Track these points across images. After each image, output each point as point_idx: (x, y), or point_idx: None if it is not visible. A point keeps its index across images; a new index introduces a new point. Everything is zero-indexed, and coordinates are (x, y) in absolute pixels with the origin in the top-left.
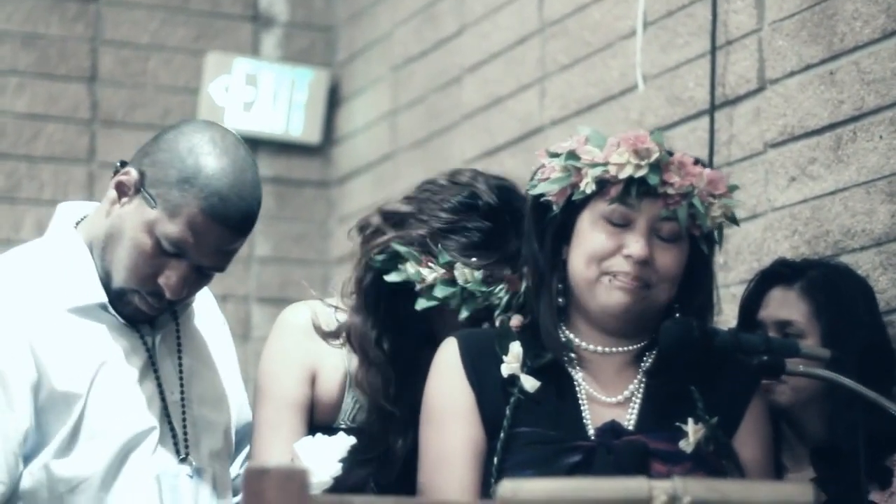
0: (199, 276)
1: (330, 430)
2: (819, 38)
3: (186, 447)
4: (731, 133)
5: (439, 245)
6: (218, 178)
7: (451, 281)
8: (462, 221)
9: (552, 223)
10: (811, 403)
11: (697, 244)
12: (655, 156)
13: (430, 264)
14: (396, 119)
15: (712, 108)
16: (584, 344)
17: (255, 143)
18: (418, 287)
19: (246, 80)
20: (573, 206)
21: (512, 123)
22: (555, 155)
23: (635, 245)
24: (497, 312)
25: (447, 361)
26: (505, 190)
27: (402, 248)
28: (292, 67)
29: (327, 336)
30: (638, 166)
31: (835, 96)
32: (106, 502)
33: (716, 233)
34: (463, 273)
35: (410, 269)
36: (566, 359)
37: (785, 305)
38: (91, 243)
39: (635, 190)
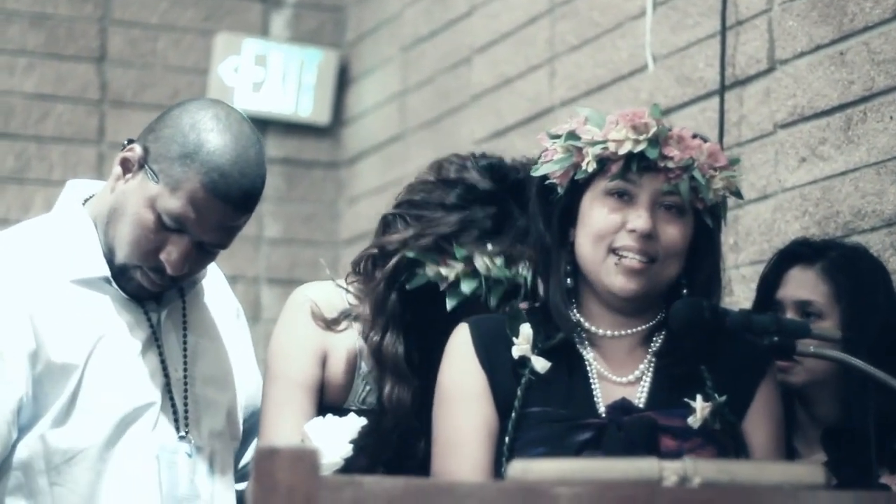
0: (201, 253)
1: (340, 411)
2: (829, 18)
3: (186, 425)
4: (741, 114)
5: (453, 243)
6: (220, 153)
7: (474, 272)
8: (468, 217)
9: (557, 204)
10: (824, 385)
11: (702, 219)
12: (653, 130)
13: (448, 262)
14: (406, 100)
15: (722, 89)
16: (593, 328)
17: (264, 124)
18: (443, 287)
19: (255, 61)
20: (577, 187)
21: (521, 104)
22: (555, 136)
23: (638, 220)
24: (524, 292)
25: (459, 346)
26: (495, 168)
27: (417, 255)
28: (301, 48)
29: (330, 324)
30: (636, 141)
31: (845, 77)
32: (103, 476)
33: (720, 207)
34: (483, 263)
35: (430, 271)
36: (577, 338)
37: (805, 286)
38: (96, 219)
39: (635, 165)
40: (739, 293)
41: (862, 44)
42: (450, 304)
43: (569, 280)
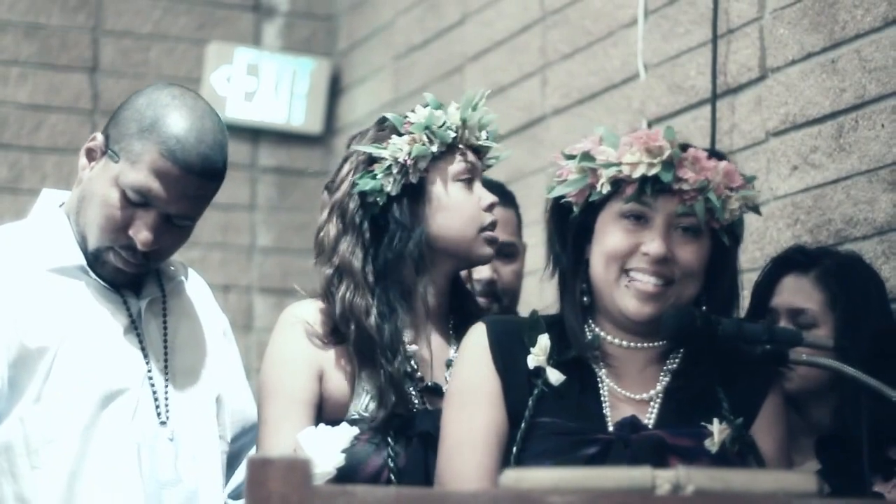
0: (170, 227)
1: (338, 422)
2: (820, 26)
3: (167, 411)
4: (732, 122)
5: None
6: (176, 123)
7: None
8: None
9: (573, 224)
10: (819, 393)
11: (719, 237)
12: (668, 153)
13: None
14: (398, 108)
15: (714, 97)
16: (609, 338)
17: (256, 133)
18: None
19: (247, 70)
20: (592, 207)
21: (514, 112)
22: (570, 157)
23: (652, 243)
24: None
25: (475, 346)
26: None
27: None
28: (294, 57)
29: (323, 338)
30: (651, 164)
31: (836, 84)
32: (83, 460)
33: (737, 224)
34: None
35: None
36: (591, 356)
37: (799, 293)
38: (69, 214)
39: (650, 188)
40: None
41: (853, 52)
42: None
43: (585, 298)
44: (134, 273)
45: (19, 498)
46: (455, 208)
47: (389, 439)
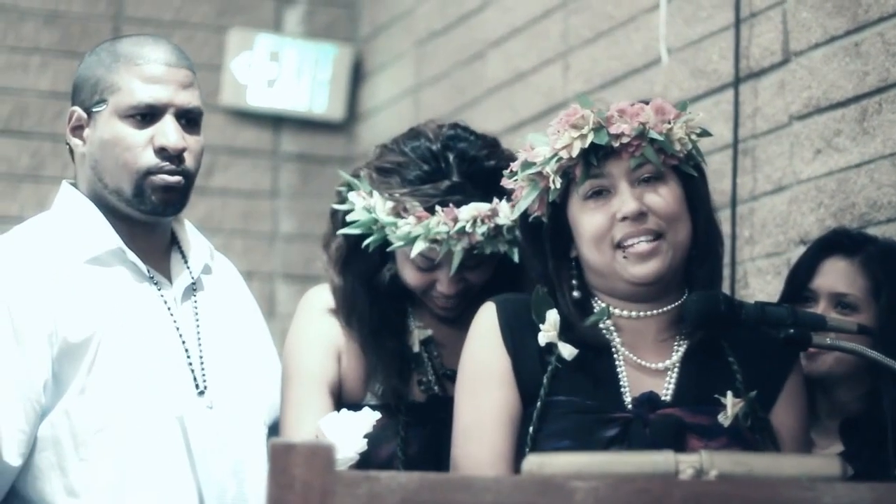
0: (185, 129)
1: (357, 407)
2: (843, 9)
3: (205, 382)
4: (755, 106)
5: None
6: (130, 42)
7: (369, 208)
8: (403, 162)
9: (547, 234)
10: (848, 376)
11: (685, 174)
12: (592, 118)
13: (361, 194)
14: (420, 95)
15: (737, 81)
16: (617, 311)
17: (278, 120)
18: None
19: (269, 57)
20: (558, 208)
21: (535, 98)
22: (513, 174)
23: (623, 206)
24: (394, 245)
25: (484, 327)
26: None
27: (350, 178)
28: (315, 43)
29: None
30: (583, 136)
31: (860, 68)
32: (130, 445)
33: (695, 153)
34: (378, 200)
35: (352, 196)
36: (603, 324)
37: (843, 278)
38: (91, 195)
39: (594, 158)
40: (755, 286)
41: (877, 35)
42: (341, 230)
43: (575, 294)
44: (177, 187)
45: (70, 491)
46: None
47: (400, 428)
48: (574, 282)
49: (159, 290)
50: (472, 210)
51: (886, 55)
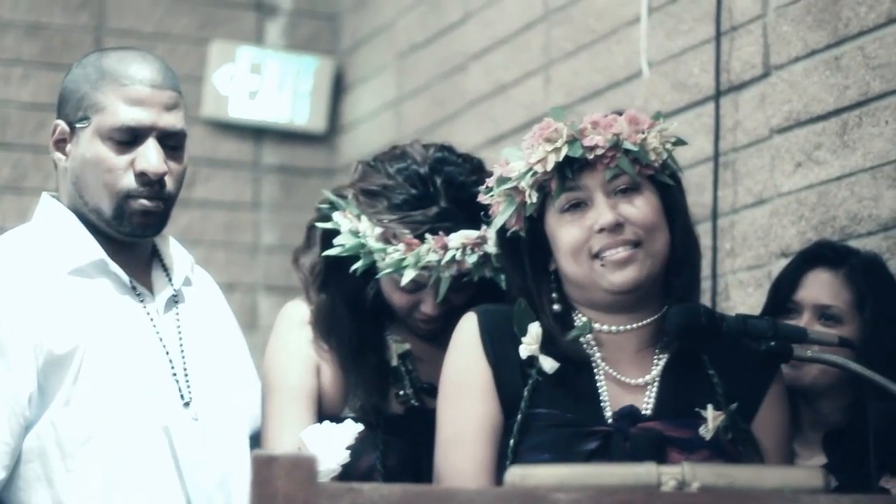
0: (166, 151)
1: (338, 419)
2: (824, 23)
3: (190, 393)
4: (736, 119)
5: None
6: (116, 59)
7: (357, 232)
8: (391, 186)
9: (525, 248)
10: (831, 388)
11: (662, 184)
12: (565, 131)
13: (348, 216)
14: (401, 107)
15: (717, 95)
16: (597, 325)
17: (260, 132)
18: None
19: (250, 69)
20: (535, 223)
21: (517, 111)
22: (488, 190)
23: (600, 217)
24: (383, 272)
25: (466, 337)
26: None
27: (334, 197)
28: (297, 56)
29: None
30: (556, 150)
31: (840, 82)
32: (117, 456)
33: (671, 162)
34: (367, 225)
35: (338, 217)
36: (585, 341)
37: (828, 290)
38: (72, 207)
39: (569, 171)
40: (736, 298)
41: (857, 48)
42: (327, 251)
43: (555, 307)
44: (157, 211)
45: (57, 502)
46: None
47: (379, 440)
48: (554, 295)
49: (142, 301)
50: (461, 238)
51: (867, 69)
